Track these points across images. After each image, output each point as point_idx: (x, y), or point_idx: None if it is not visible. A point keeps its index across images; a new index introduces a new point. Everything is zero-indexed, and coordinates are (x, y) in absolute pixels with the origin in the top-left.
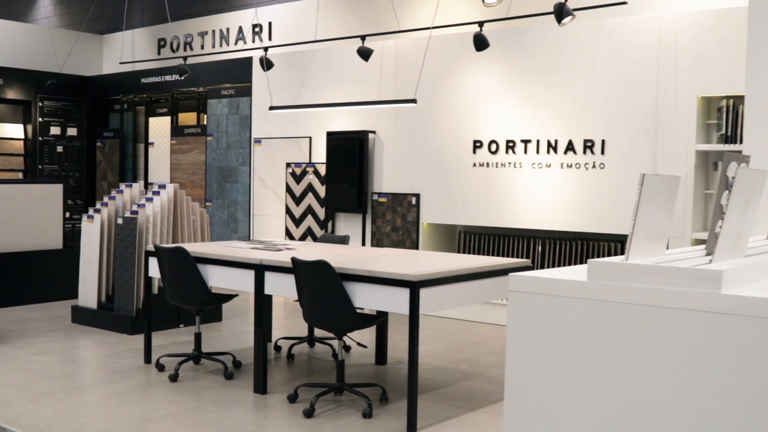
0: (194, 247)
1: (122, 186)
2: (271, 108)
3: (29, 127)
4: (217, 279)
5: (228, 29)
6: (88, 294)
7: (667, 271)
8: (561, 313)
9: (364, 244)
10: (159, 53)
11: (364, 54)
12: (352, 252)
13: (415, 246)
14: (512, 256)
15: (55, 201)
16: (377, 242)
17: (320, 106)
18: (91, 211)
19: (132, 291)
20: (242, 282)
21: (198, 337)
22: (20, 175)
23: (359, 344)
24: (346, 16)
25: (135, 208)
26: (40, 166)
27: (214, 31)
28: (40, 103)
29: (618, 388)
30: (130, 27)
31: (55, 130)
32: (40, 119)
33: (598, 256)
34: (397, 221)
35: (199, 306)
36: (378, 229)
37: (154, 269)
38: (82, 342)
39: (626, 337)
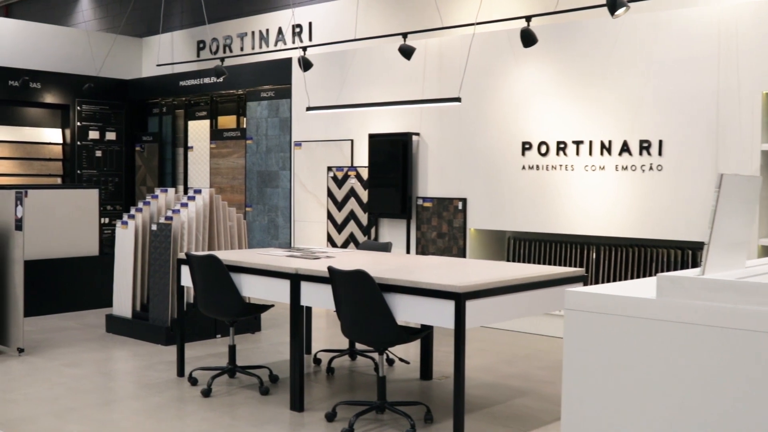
0: (227, 255)
1: (157, 191)
2: (309, 109)
3: (67, 132)
4: (250, 288)
5: (267, 30)
6: (123, 303)
7: (752, 288)
8: (626, 334)
9: (408, 251)
10: (198, 56)
11: (406, 52)
12: (394, 260)
13: (461, 253)
14: (565, 264)
15: (91, 206)
16: (422, 249)
17: (360, 106)
18: (125, 218)
19: (167, 300)
20: (277, 292)
21: (232, 349)
22: (59, 180)
23: (401, 360)
24: (387, 15)
25: (169, 213)
26: (78, 171)
27: (253, 33)
28: (79, 107)
29: (690, 419)
30: (170, 29)
31: (93, 135)
32: (79, 123)
33: (657, 265)
34: (443, 227)
35: (232, 317)
36: (423, 235)
37: (186, 278)
38: (115, 353)
39: (702, 364)
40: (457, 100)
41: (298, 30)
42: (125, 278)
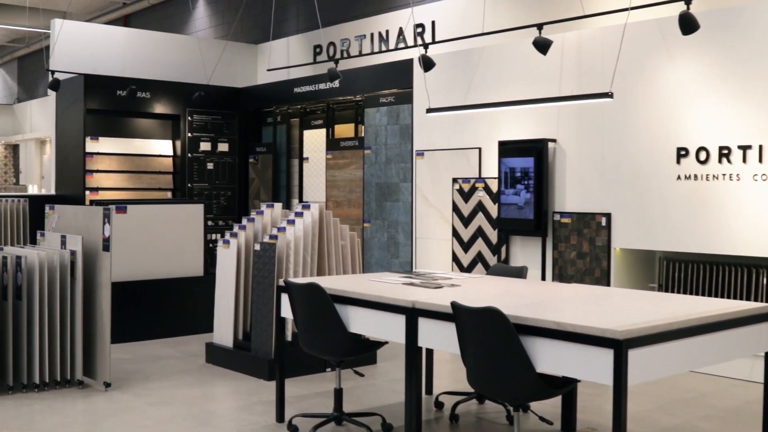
0: (333, 283)
1: (263, 206)
2: (429, 110)
3: (178, 143)
4: (359, 324)
5: (387, 31)
6: (224, 330)
7: None
8: None
9: (543, 272)
10: (314, 61)
11: (542, 46)
12: (531, 290)
13: (605, 276)
14: (728, 291)
15: (196, 223)
16: (559, 271)
17: (489, 105)
18: (227, 236)
19: (270, 329)
20: (390, 329)
21: (338, 394)
22: (169, 195)
23: (542, 419)
24: (517, 9)
25: (274, 232)
26: (189, 185)
27: (372, 34)
28: (189, 117)
29: None
30: (285, 34)
31: (205, 146)
32: (190, 134)
33: None
34: (584, 246)
35: (338, 357)
36: (560, 255)
37: (286, 309)
38: (211, 389)
39: None
40: (607, 95)
41: (419, 30)
42: (227, 303)
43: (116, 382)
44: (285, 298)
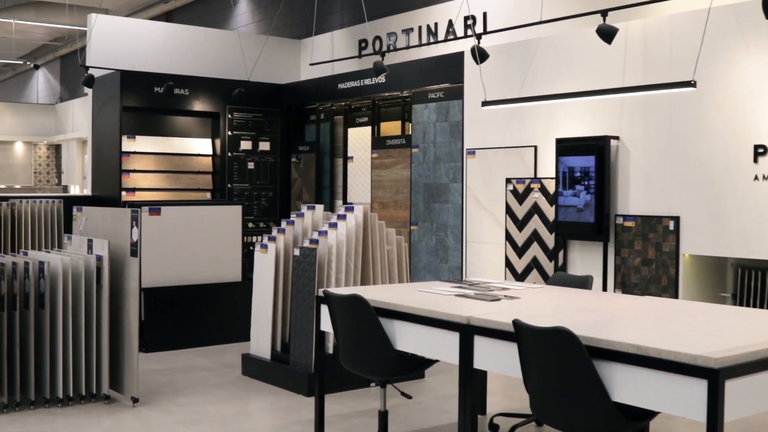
0: (378, 294)
1: (303, 208)
2: (485, 103)
3: (217, 142)
4: (406, 341)
5: (436, 24)
6: (261, 341)
7: None
8: None
9: (605, 280)
10: (360, 56)
11: (607, 34)
12: (600, 304)
13: (673, 284)
14: None
15: (234, 225)
16: (622, 278)
17: (547, 98)
18: (265, 239)
19: (310, 341)
20: (442, 347)
21: (383, 417)
22: (208, 195)
23: None
24: (577, 1)
25: (315, 236)
26: (229, 185)
27: (420, 27)
28: (229, 115)
29: None
30: (330, 29)
31: (245, 145)
32: (230, 133)
33: None
34: (649, 252)
35: (382, 377)
36: (623, 261)
37: (326, 322)
38: (246, 406)
39: None
40: (690, 84)
41: (470, 22)
42: (264, 312)
43: (145, 396)
44: (325, 310)
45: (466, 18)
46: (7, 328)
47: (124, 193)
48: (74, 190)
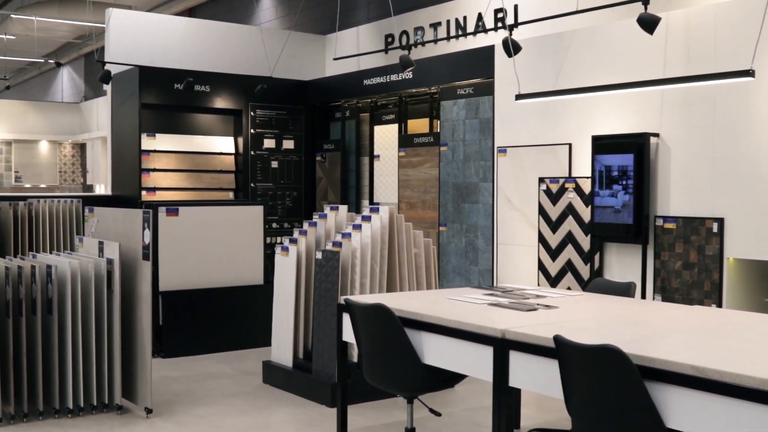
0: (404, 303)
1: (326, 209)
2: (519, 97)
3: (240, 140)
4: (434, 354)
5: (465, 18)
6: (283, 348)
7: None
8: None
9: (643, 285)
10: (386, 52)
11: (649, 23)
12: (647, 316)
13: (716, 290)
14: None
15: (256, 226)
16: (662, 283)
17: (586, 90)
18: (286, 242)
19: (333, 349)
20: (473, 362)
21: None
22: (231, 195)
23: None
24: None
25: (338, 238)
26: (252, 185)
27: (448, 21)
28: (252, 113)
29: None
30: (355, 24)
31: (269, 143)
32: (252, 131)
33: None
34: (691, 255)
35: (409, 393)
36: (663, 265)
37: (349, 332)
38: (266, 417)
39: None
40: (748, 74)
41: (501, 15)
42: (285, 318)
43: (160, 405)
44: (347, 319)
45: (496, 11)
46: (13, 335)
47: (144, 192)
48: (99, 190)
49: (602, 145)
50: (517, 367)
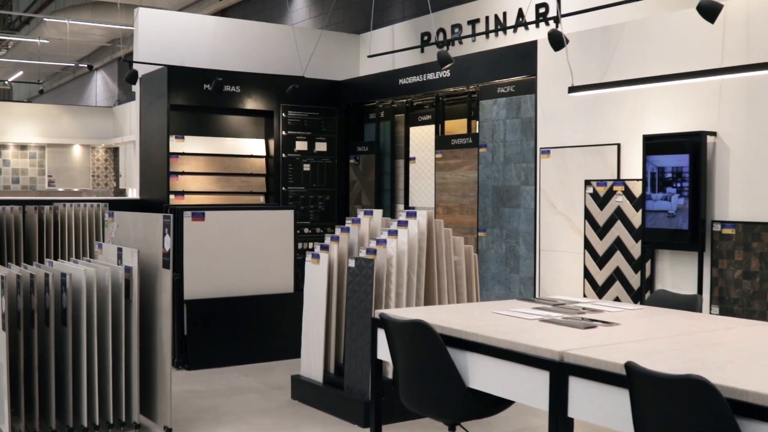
0: (445, 318)
1: (360, 214)
2: (572, 90)
3: (271, 143)
4: (481, 377)
5: (504, 14)
6: (313, 362)
7: None
8: None
9: (700, 294)
10: (422, 50)
11: (709, 11)
12: (721, 334)
13: None
14: None
15: (286, 231)
16: (720, 293)
17: (642, 81)
18: (317, 248)
19: (367, 364)
20: (526, 388)
21: None
22: (262, 199)
23: None
24: None
25: (372, 245)
26: (283, 188)
27: (486, 18)
28: (284, 114)
29: None
30: (390, 22)
31: (301, 145)
32: (284, 132)
33: None
34: (752, 263)
35: (451, 420)
36: (721, 274)
37: (384, 349)
38: None
39: None
40: None
41: (543, 10)
42: (316, 330)
43: (182, 423)
44: (382, 336)
45: (538, 6)
46: (24, 348)
47: (172, 196)
48: (132, 194)
49: (654, 145)
50: (577, 395)
